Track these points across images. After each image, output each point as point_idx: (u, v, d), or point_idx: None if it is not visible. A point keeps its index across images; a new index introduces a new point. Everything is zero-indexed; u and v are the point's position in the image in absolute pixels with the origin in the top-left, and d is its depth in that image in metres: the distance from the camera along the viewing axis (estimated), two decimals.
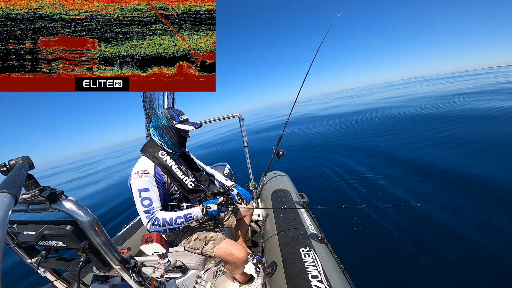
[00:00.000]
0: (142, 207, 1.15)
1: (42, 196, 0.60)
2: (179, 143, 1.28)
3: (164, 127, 1.23)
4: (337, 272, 1.08)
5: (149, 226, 1.17)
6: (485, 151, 3.88)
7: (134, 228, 1.90)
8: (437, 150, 4.32)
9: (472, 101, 8.69)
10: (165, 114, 1.25)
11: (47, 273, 0.99)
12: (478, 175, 3.11)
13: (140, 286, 0.82)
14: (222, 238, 1.35)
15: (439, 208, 2.60)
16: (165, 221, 1.16)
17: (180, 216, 1.19)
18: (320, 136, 7.49)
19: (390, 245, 2.17)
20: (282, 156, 2.19)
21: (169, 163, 1.25)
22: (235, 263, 1.32)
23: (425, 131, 5.80)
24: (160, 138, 1.26)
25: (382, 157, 4.48)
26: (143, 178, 1.16)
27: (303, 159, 5.29)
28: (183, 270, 1.25)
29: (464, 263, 1.86)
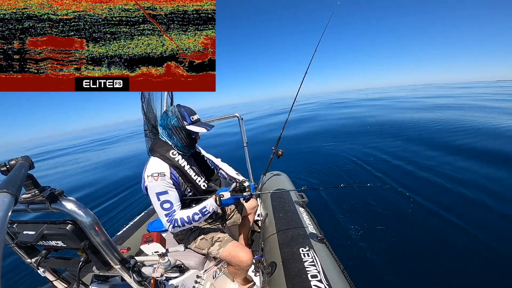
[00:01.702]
0: (162, 210, 1.11)
1: (42, 196, 0.60)
2: (189, 145, 1.23)
3: (174, 128, 1.16)
4: (337, 272, 1.08)
5: (170, 229, 1.13)
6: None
7: (134, 228, 1.90)
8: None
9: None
10: (175, 113, 1.17)
11: (46, 273, 0.99)
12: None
13: (140, 286, 0.82)
14: (229, 240, 1.33)
15: (439, 208, 2.60)
16: (183, 221, 1.12)
17: (196, 212, 1.13)
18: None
19: (390, 245, 2.17)
20: (281, 156, 2.19)
21: (181, 163, 1.20)
22: (239, 266, 1.30)
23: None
24: (169, 138, 1.20)
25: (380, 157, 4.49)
26: (159, 181, 1.10)
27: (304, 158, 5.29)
28: (183, 270, 1.25)
29: (467, 266, 1.86)
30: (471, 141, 4.77)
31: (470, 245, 2.01)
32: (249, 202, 1.71)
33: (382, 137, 6.07)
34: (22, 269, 2.86)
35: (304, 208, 1.72)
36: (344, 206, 2.93)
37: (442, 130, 6.07)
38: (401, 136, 5.85)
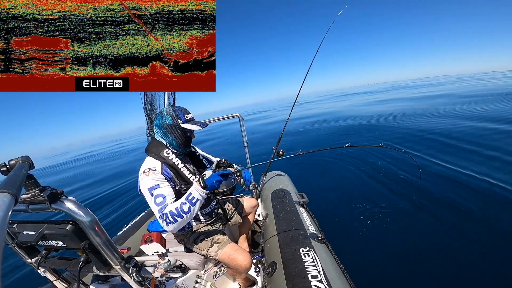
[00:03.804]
0: (156, 206, 1.04)
1: (42, 196, 0.60)
2: (184, 144, 1.23)
3: (169, 126, 1.18)
4: (337, 272, 1.08)
5: (165, 226, 1.04)
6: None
7: (134, 228, 1.90)
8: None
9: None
10: (169, 112, 1.19)
11: (47, 273, 0.99)
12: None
13: (140, 286, 0.82)
14: (228, 242, 1.32)
15: (440, 208, 2.60)
16: (173, 214, 1.03)
17: (183, 201, 1.05)
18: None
19: (390, 245, 2.17)
20: (282, 156, 2.19)
21: (175, 162, 1.20)
22: (237, 269, 1.30)
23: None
24: (165, 137, 1.21)
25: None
26: (150, 175, 1.08)
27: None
28: (183, 270, 1.25)
29: (467, 266, 1.86)
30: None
31: (477, 250, 2.00)
32: (249, 202, 1.71)
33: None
34: (22, 269, 2.86)
35: (305, 208, 1.72)
36: (344, 206, 2.93)
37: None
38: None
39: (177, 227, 1.06)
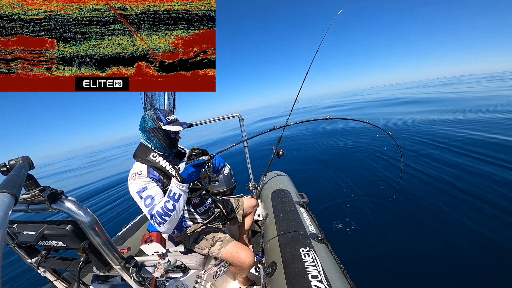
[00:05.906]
0: (146, 208, 1.05)
1: (42, 196, 0.60)
2: (169, 145, 1.23)
3: (151, 130, 1.18)
4: (337, 272, 1.08)
5: (157, 227, 1.04)
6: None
7: (134, 228, 1.90)
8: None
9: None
10: (151, 116, 1.19)
11: (47, 273, 0.99)
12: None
13: (140, 286, 0.82)
14: (230, 240, 1.33)
15: (443, 209, 2.60)
16: (160, 214, 1.02)
17: (166, 199, 1.04)
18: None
19: (390, 245, 2.17)
20: (282, 156, 2.19)
21: (163, 164, 1.20)
22: (240, 267, 1.30)
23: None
24: (149, 141, 1.21)
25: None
26: (136, 179, 1.10)
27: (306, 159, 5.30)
28: (183, 270, 1.25)
29: (466, 266, 1.86)
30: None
31: (475, 253, 2.00)
32: (249, 202, 1.71)
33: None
34: (22, 269, 2.86)
35: (305, 208, 1.72)
36: (344, 206, 2.93)
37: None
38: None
39: (170, 227, 1.06)
